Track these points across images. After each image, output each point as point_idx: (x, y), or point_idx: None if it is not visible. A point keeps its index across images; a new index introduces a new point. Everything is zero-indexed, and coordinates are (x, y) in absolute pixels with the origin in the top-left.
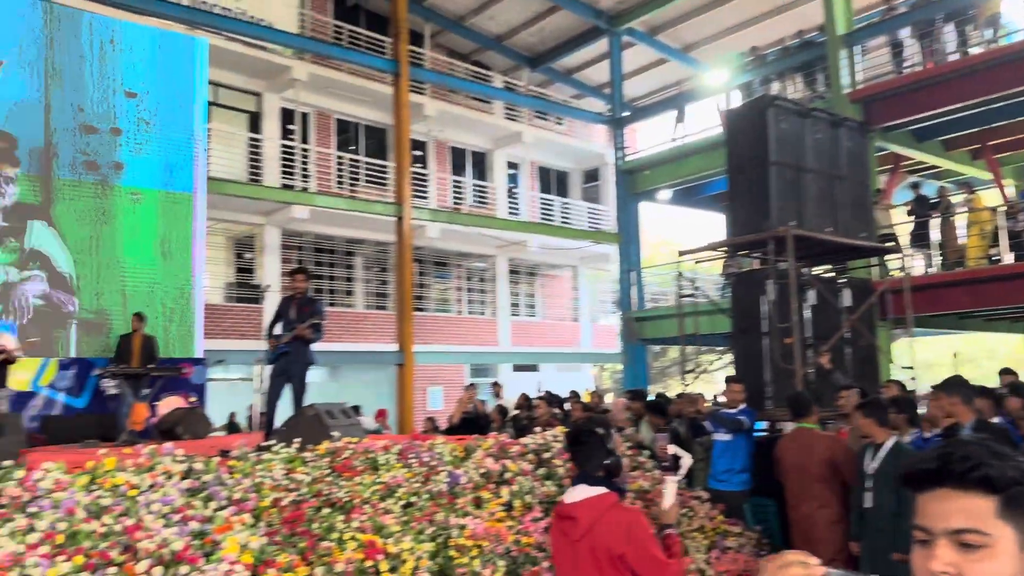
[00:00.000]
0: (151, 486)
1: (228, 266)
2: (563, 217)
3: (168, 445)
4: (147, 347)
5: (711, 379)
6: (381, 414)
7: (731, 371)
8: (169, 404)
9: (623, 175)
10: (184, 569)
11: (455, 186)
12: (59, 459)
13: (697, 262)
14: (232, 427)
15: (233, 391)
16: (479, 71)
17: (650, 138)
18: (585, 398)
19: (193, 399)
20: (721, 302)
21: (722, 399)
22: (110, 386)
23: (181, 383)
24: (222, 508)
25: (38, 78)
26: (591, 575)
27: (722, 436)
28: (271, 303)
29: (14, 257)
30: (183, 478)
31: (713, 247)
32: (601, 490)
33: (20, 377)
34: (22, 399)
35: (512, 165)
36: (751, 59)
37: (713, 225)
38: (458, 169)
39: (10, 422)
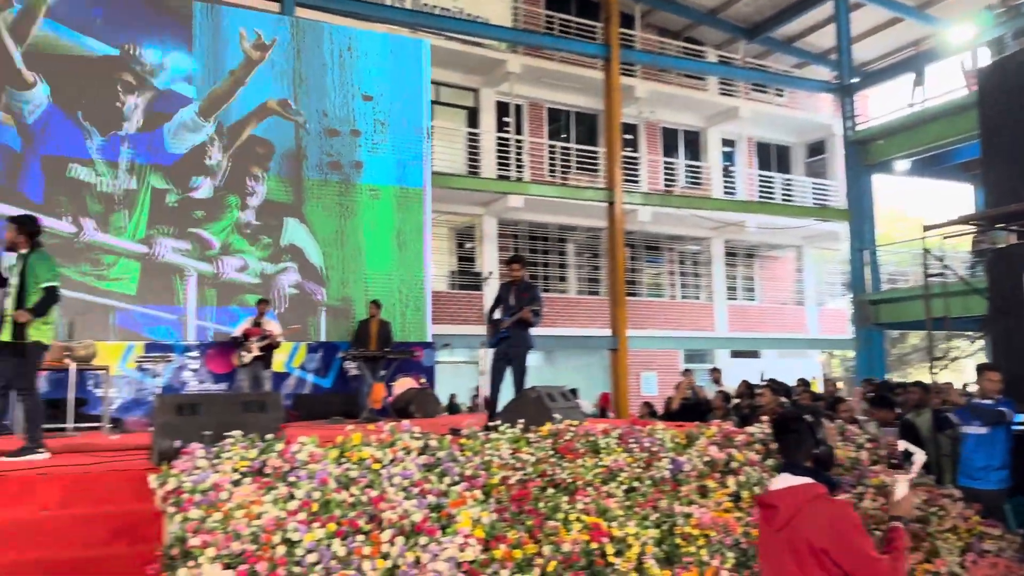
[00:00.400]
0: (392, 460)
1: (451, 255)
2: (784, 194)
3: (406, 423)
4: (383, 332)
5: (957, 367)
6: (605, 399)
7: (983, 358)
8: (402, 385)
9: (853, 147)
10: (423, 540)
11: (667, 168)
12: (312, 434)
13: (944, 238)
14: (452, 408)
15: (457, 373)
16: (692, 47)
17: (884, 105)
18: (813, 387)
19: (423, 380)
20: (974, 282)
21: (973, 389)
22: (351, 367)
23: (413, 365)
24: (455, 483)
25: (288, 87)
26: (792, 568)
27: (975, 429)
28: (491, 290)
29: (267, 253)
30: (420, 454)
31: (965, 220)
32: (806, 480)
33: (276, 359)
34: (278, 379)
35: (727, 143)
36: (1002, 11)
37: (955, 197)
38: (670, 150)
39: (271, 400)
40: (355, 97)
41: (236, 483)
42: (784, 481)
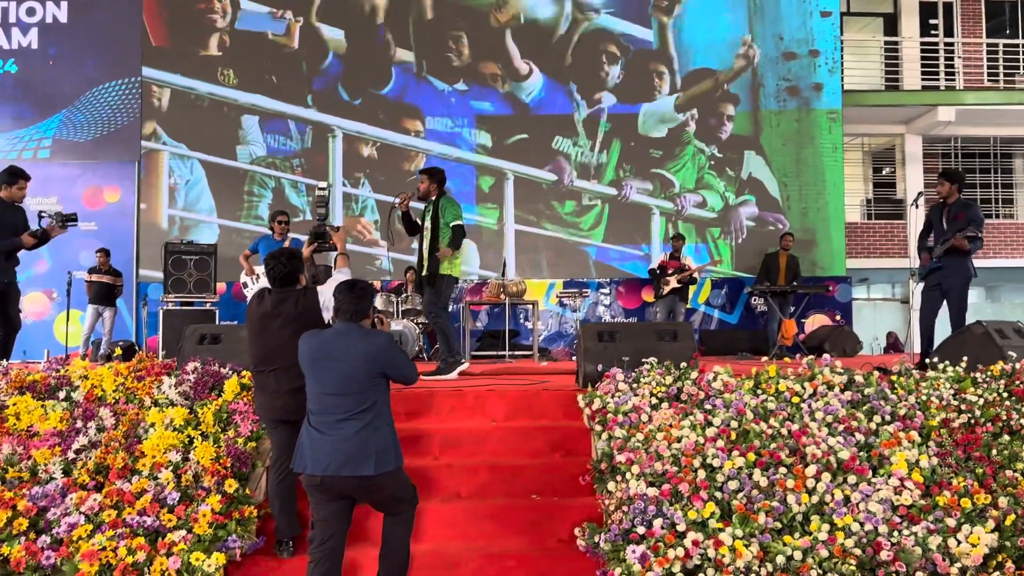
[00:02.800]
0: (812, 395)
1: (865, 182)
2: None
3: (826, 357)
4: (792, 266)
5: None
6: None
7: None
8: (815, 322)
9: None
10: (852, 479)
11: None
12: (724, 365)
13: None
14: (894, 347)
15: (875, 311)
16: None
17: None
18: None
19: (840, 317)
20: None
21: None
22: (759, 303)
23: (826, 301)
24: (886, 423)
25: (743, 18)
26: None
27: None
28: (915, 218)
29: (731, 186)
30: (843, 390)
31: None
32: None
33: None
34: (685, 315)
35: None
36: None
37: None
38: None
39: (683, 329)
40: (812, 15)
41: (654, 407)
42: None
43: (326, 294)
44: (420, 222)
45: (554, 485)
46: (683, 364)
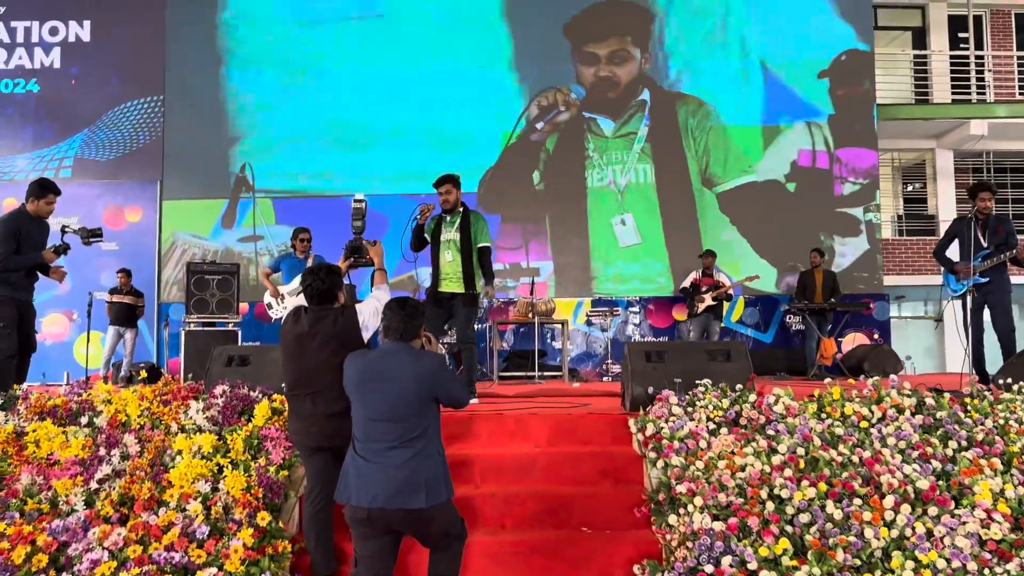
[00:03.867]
0: (881, 419)
1: (895, 198)
2: None
3: (893, 377)
4: (829, 282)
5: None
6: None
7: None
8: (853, 340)
9: None
10: (933, 510)
11: None
12: (785, 387)
13: None
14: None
15: (908, 328)
16: None
17: None
18: None
19: (877, 336)
20: None
21: None
22: (795, 322)
23: (863, 319)
24: (963, 449)
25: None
26: None
27: None
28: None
29: None
30: (913, 413)
31: None
32: None
33: None
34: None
35: None
36: None
37: None
38: None
39: (737, 349)
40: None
41: (712, 432)
42: None
43: (364, 313)
44: (429, 236)
45: (605, 516)
46: (739, 386)
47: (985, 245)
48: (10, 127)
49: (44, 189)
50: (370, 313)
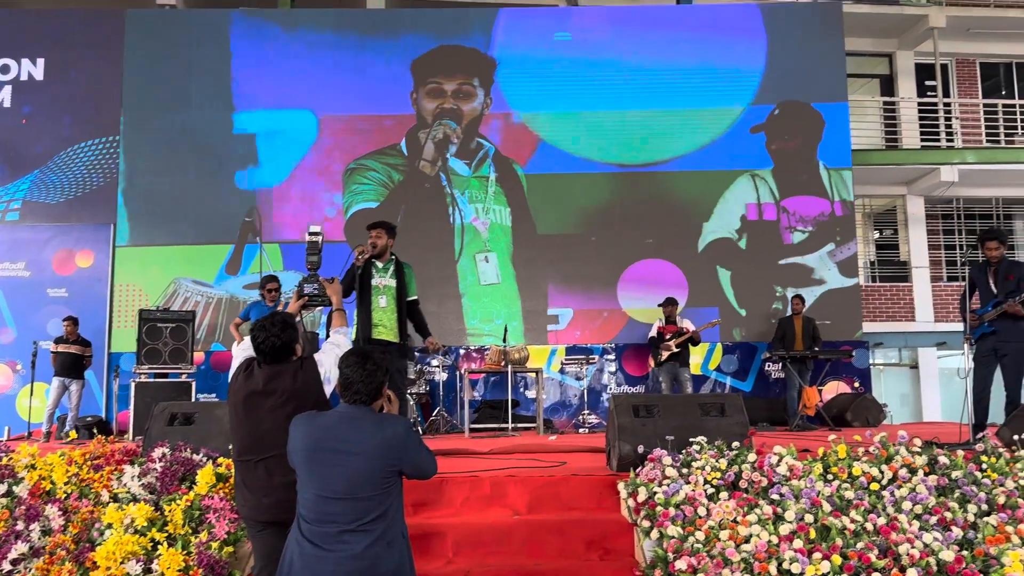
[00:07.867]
0: (892, 479)
1: (866, 244)
2: None
3: (902, 432)
4: (809, 329)
5: None
6: None
7: None
8: (835, 388)
9: None
10: None
11: None
12: (787, 443)
13: None
14: None
15: (884, 376)
16: None
17: None
18: None
19: (857, 384)
20: None
21: None
22: (774, 370)
23: (843, 367)
24: (983, 514)
25: None
26: None
27: None
28: (919, 280)
29: None
30: (927, 474)
31: None
32: None
33: (693, 361)
34: (696, 382)
35: None
36: None
37: None
38: None
39: (732, 402)
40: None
41: (711, 497)
42: None
43: (325, 364)
44: (359, 282)
45: None
46: (735, 443)
47: (995, 292)
48: None
49: None
50: (331, 363)
